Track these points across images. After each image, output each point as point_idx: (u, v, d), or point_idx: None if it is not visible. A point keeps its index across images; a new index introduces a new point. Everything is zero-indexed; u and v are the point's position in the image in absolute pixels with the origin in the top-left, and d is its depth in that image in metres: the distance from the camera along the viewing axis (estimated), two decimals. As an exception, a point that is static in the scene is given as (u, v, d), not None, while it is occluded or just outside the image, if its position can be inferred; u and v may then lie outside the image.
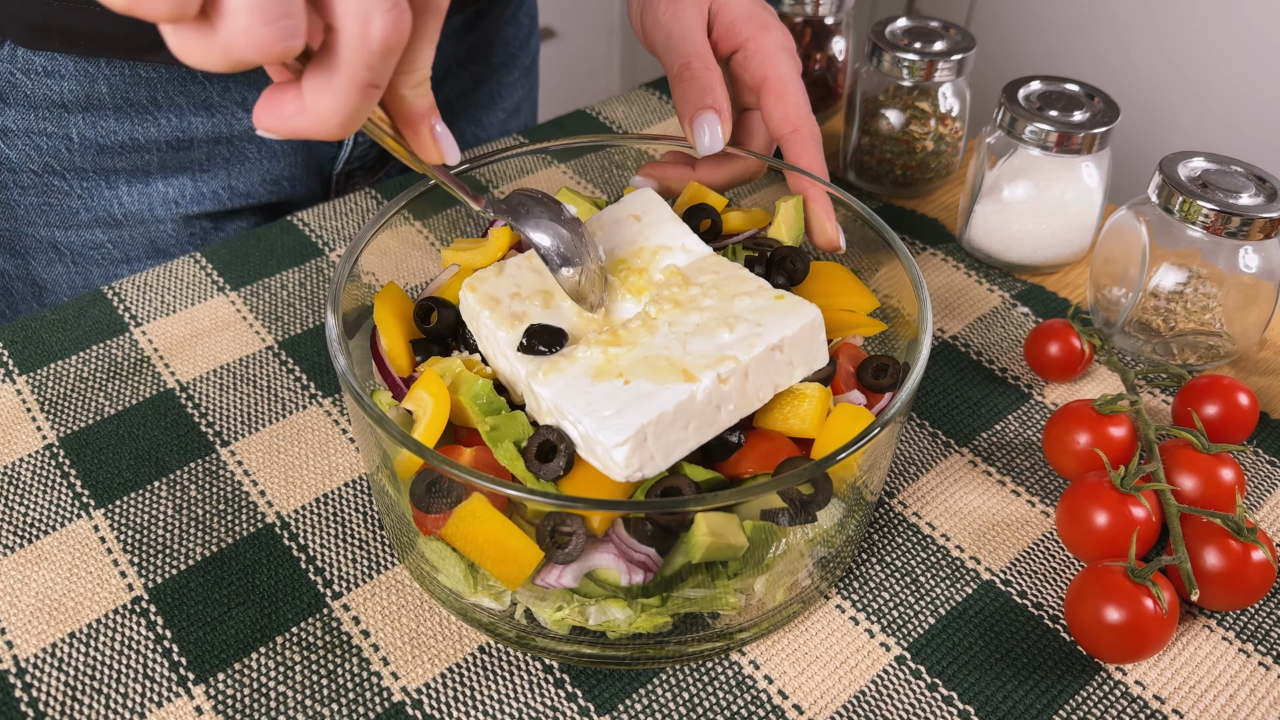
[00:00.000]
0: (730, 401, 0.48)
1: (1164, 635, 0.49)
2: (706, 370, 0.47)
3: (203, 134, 0.75)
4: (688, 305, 0.51)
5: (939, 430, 0.63)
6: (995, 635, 0.53)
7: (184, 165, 0.76)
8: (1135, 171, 1.13)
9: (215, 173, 0.77)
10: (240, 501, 0.58)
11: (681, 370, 0.47)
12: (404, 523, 0.50)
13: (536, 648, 0.50)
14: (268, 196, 0.81)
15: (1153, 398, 0.66)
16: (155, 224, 0.77)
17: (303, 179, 0.82)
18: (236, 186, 0.79)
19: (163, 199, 0.76)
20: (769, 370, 0.49)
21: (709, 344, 0.49)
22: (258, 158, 0.78)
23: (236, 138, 0.77)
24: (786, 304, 0.50)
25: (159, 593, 0.53)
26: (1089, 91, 0.71)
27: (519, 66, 0.95)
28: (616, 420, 0.45)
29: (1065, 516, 0.55)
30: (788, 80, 0.62)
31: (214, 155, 0.76)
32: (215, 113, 0.74)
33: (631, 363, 0.48)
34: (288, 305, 0.70)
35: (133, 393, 0.64)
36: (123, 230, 0.76)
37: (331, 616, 0.52)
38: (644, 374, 0.47)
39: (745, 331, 0.49)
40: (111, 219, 0.76)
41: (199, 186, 0.77)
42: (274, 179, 0.80)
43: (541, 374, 0.48)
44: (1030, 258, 0.73)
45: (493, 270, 0.54)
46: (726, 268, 0.53)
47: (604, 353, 0.49)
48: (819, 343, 0.50)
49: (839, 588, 0.54)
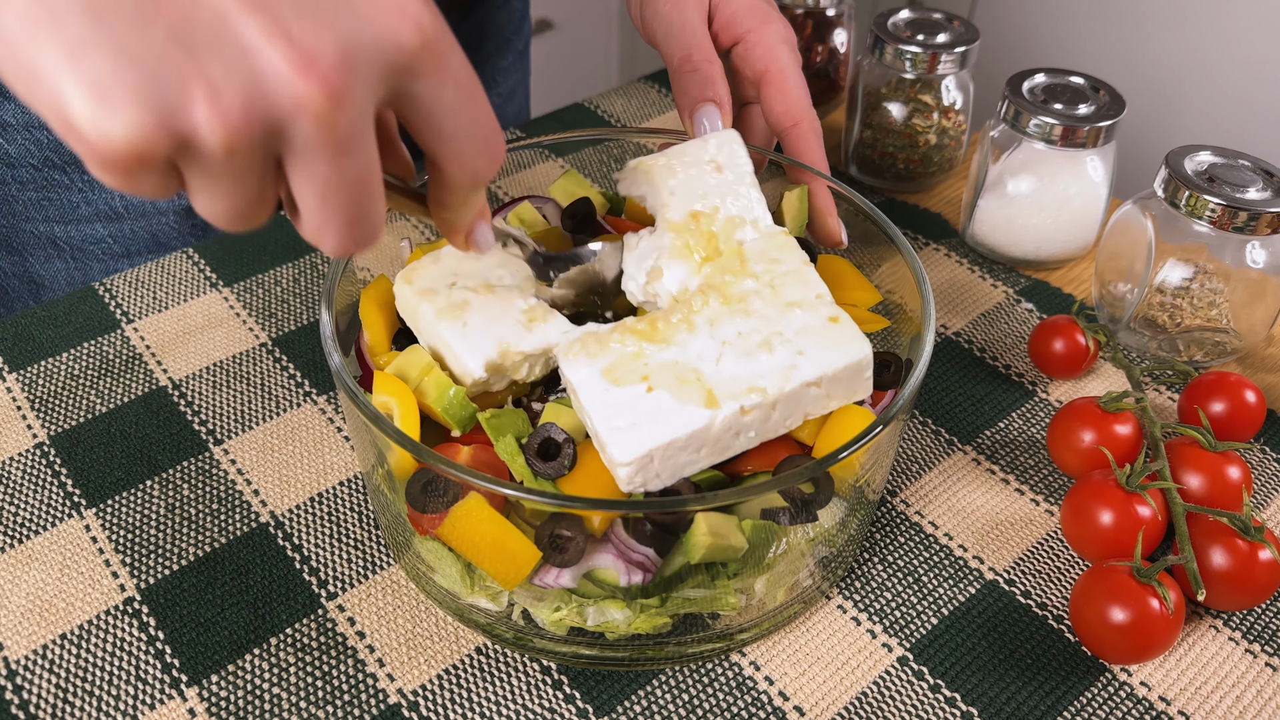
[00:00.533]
0: (751, 430, 0.46)
1: (1170, 636, 0.49)
2: (731, 400, 0.45)
3: None
4: (735, 304, 0.49)
5: (942, 428, 0.63)
6: (999, 636, 0.53)
7: None
8: (1141, 166, 1.13)
9: None
10: (233, 501, 0.58)
11: (707, 392, 0.45)
12: (400, 522, 0.50)
13: (534, 649, 0.50)
14: None
15: (1158, 395, 0.66)
16: (157, 216, 0.77)
17: None
18: None
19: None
20: (800, 403, 0.47)
21: (744, 366, 0.46)
22: None
23: None
24: (838, 332, 0.47)
25: (151, 593, 0.53)
26: (1094, 84, 0.71)
27: (512, 51, 0.95)
28: (628, 435, 0.44)
29: (1070, 515, 0.55)
30: (789, 73, 0.62)
31: None
32: None
33: (660, 366, 0.46)
34: (281, 301, 0.70)
35: (124, 390, 0.64)
36: (124, 224, 0.76)
37: (326, 617, 0.52)
38: (668, 384, 0.46)
39: (785, 357, 0.46)
40: (113, 212, 0.76)
41: None
42: None
43: (571, 355, 0.47)
44: (1034, 253, 0.73)
45: (427, 260, 0.52)
46: (790, 257, 0.51)
47: (638, 345, 0.47)
48: (863, 380, 0.48)
49: (840, 588, 0.54)
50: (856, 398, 0.48)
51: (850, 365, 0.47)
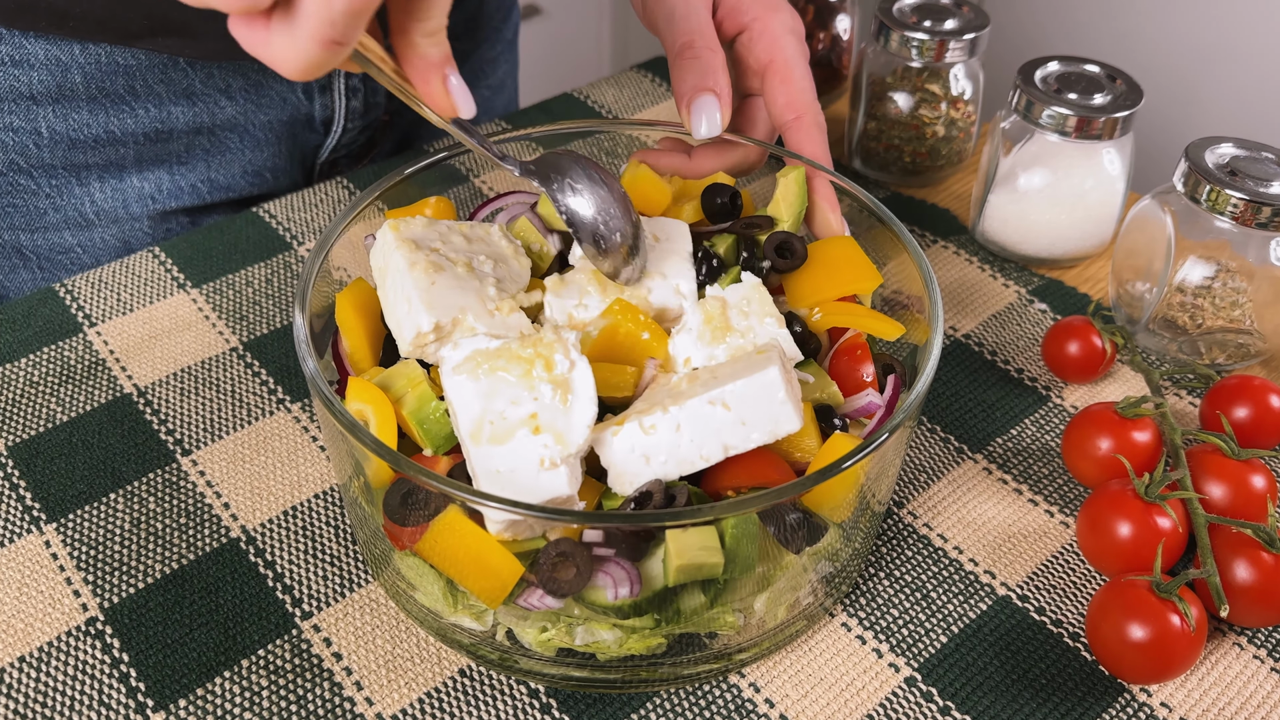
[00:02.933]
0: (661, 454, 0.46)
1: (1191, 654, 0.49)
2: (631, 417, 0.47)
3: (183, 124, 0.75)
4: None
5: (951, 435, 0.63)
6: (1012, 654, 0.53)
7: (161, 158, 0.76)
8: (1160, 158, 1.13)
9: (194, 165, 0.77)
10: (202, 515, 0.57)
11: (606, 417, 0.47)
12: (378, 537, 0.50)
13: (521, 670, 0.50)
14: (248, 189, 0.80)
15: (1179, 400, 0.66)
16: (129, 222, 0.77)
17: (286, 169, 0.82)
18: (216, 179, 0.78)
19: (138, 195, 0.76)
20: (710, 427, 0.47)
21: (660, 393, 0.48)
22: (240, 148, 0.78)
23: (218, 127, 0.76)
24: (748, 360, 0.49)
25: (115, 613, 0.53)
26: (1110, 73, 0.71)
27: (501, 40, 0.95)
28: (496, 504, 0.43)
29: (1086, 527, 0.55)
30: (794, 65, 0.62)
31: (193, 146, 0.76)
32: (197, 101, 0.74)
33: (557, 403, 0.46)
34: (253, 303, 0.70)
35: (87, 398, 0.63)
36: (94, 231, 0.76)
37: (301, 638, 0.52)
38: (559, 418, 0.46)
39: (701, 384, 0.48)
40: (82, 219, 0.75)
41: (176, 180, 0.77)
42: (256, 170, 0.80)
43: (453, 370, 0.47)
44: (1048, 250, 0.73)
45: (422, 221, 0.54)
46: (756, 334, 0.52)
47: (548, 370, 0.47)
48: (778, 402, 0.47)
49: (845, 604, 0.54)
50: (781, 429, 0.47)
51: (754, 382, 0.46)
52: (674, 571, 0.44)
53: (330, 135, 0.83)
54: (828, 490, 0.45)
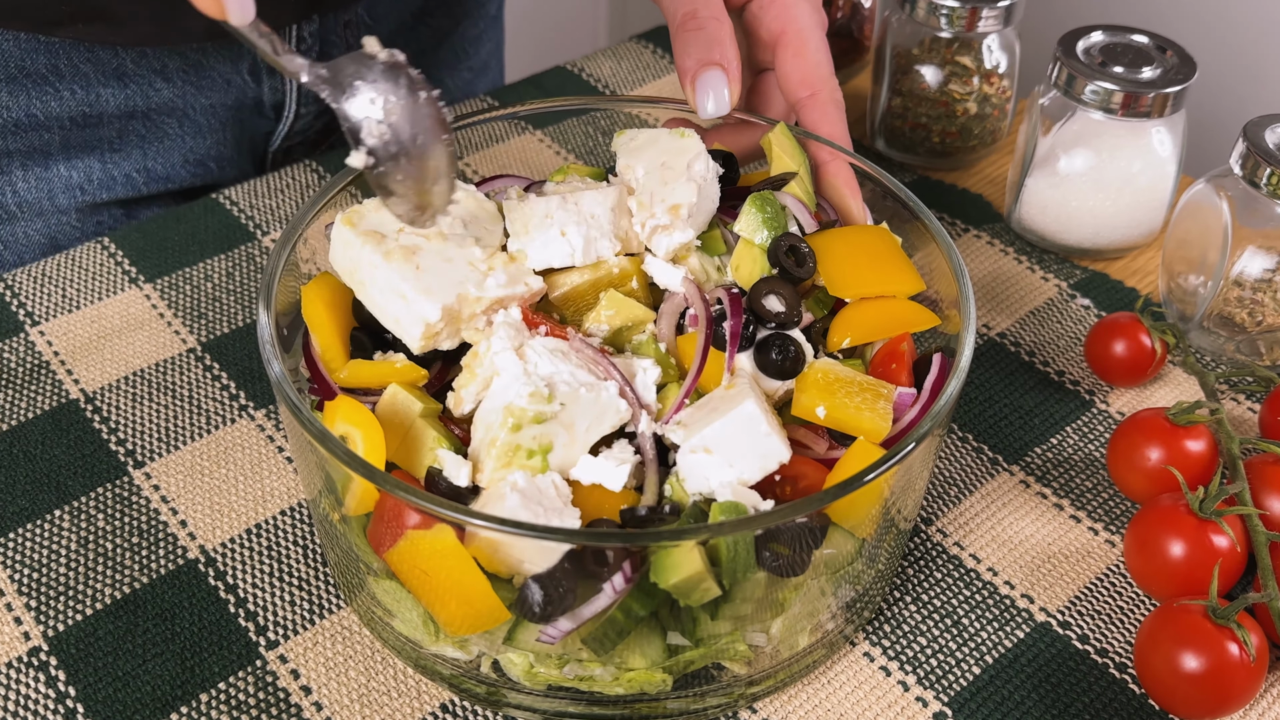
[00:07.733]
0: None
1: (1252, 686, 0.49)
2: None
3: (113, 108, 0.74)
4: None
5: (984, 445, 0.63)
6: (1051, 687, 0.53)
7: (90, 144, 0.76)
8: (1215, 138, 1.13)
9: (128, 153, 0.77)
10: (157, 534, 0.58)
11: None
12: (351, 558, 0.50)
13: (509, 705, 0.50)
14: (190, 180, 0.80)
15: (1236, 405, 0.66)
16: (55, 215, 0.77)
17: (233, 159, 0.82)
18: (153, 169, 0.78)
19: (65, 185, 0.76)
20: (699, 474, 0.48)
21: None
22: (179, 134, 0.78)
23: (154, 111, 0.76)
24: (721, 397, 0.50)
25: (60, 642, 0.53)
26: (1160, 44, 0.71)
27: (484, 16, 0.95)
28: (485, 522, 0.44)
29: (1134, 547, 0.55)
30: (808, 35, 0.62)
31: (126, 132, 0.76)
32: (129, 83, 0.74)
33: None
34: (213, 300, 0.70)
35: (28, 404, 0.63)
36: (16, 226, 0.76)
37: (266, 669, 0.52)
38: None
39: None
40: (4, 212, 0.75)
41: (108, 169, 0.77)
42: (198, 159, 0.80)
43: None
44: (1091, 240, 0.74)
45: (372, 204, 0.53)
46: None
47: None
48: (762, 435, 0.48)
49: (868, 632, 0.55)
50: (772, 462, 0.48)
51: (733, 419, 0.48)
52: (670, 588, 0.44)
53: (282, 121, 0.83)
54: (848, 506, 0.46)
